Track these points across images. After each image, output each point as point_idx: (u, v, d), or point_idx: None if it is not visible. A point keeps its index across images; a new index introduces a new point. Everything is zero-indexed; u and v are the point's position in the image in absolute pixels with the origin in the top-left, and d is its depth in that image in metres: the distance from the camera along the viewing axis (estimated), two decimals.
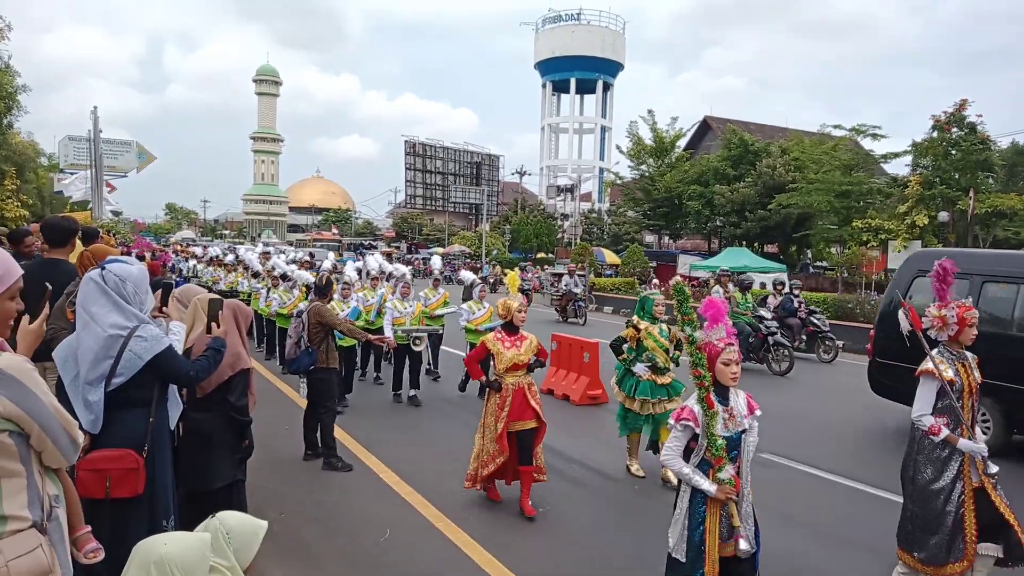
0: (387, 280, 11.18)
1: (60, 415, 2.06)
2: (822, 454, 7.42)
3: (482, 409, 5.68)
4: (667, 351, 6.40)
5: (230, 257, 17.02)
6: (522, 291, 11.12)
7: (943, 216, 24.97)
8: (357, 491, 5.90)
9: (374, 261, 11.91)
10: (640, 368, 6.33)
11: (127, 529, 2.88)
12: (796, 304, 14.52)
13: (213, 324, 3.65)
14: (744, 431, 3.44)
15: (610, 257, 37.42)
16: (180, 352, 3.40)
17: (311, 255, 20.51)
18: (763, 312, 13.29)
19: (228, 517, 2.07)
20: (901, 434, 8.59)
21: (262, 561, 2.07)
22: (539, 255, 50.03)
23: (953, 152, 24.95)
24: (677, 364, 6.43)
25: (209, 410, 3.98)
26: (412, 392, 9.19)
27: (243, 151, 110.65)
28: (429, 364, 11.02)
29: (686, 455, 3.39)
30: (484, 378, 5.64)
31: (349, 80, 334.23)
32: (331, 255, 16.57)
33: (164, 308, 3.86)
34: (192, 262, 20.22)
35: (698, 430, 3.31)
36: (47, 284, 3.32)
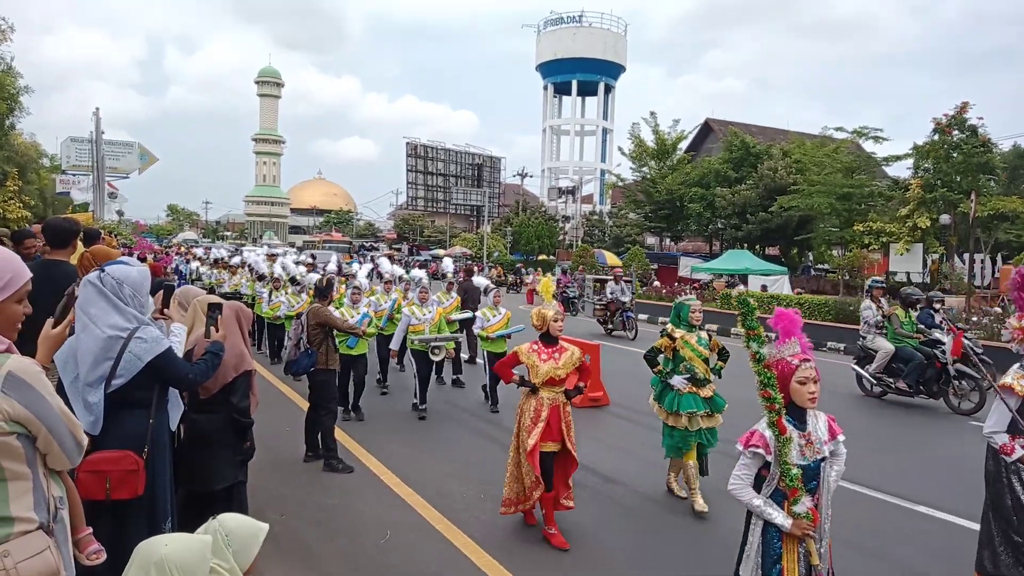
0: (398, 284, 10.96)
1: (66, 417, 2.07)
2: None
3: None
4: (707, 361, 5.87)
5: (237, 259, 16.84)
6: (556, 298, 11.03)
7: (945, 219, 24.96)
8: (358, 493, 5.90)
9: (388, 264, 11.59)
10: (678, 381, 5.77)
11: (127, 530, 2.88)
12: (938, 320, 10.82)
13: (212, 327, 3.65)
14: (824, 459, 3.09)
15: (611, 259, 37.42)
16: (181, 354, 3.40)
17: (312, 256, 20.27)
18: (938, 335, 10.27)
19: (228, 519, 2.07)
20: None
21: (262, 562, 2.07)
22: (540, 257, 50.03)
23: (954, 155, 24.96)
24: (719, 376, 5.99)
25: (211, 412, 3.99)
26: (423, 406, 8.64)
27: (244, 152, 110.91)
28: (456, 375, 10.76)
29: (757, 484, 3.08)
30: (517, 378, 5.12)
31: (350, 82, 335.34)
32: (335, 256, 16.18)
33: (165, 310, 3.87)
34: (195, 264, 20.07)
35: (769, 457, 3.01)
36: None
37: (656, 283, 30.38)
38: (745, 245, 35.35)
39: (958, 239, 26.76)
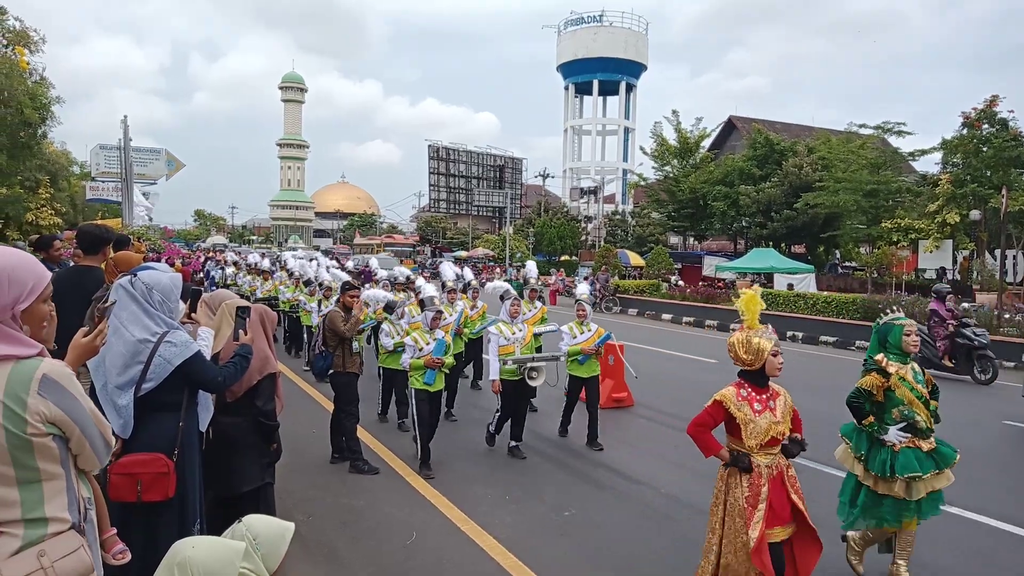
0: (465, 291, 10.02)
1: (96, 418, 2.11)
2: None
3: None
4: (926, 403, 4.50)
5: (266, 262, 16.34)
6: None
7: (975, 215, 24.53)
8: (384, 494, 5.93)
9: (449, 270, 10.19)
10: (895, 435, 4.35)
11: (157, 532, 2.93)
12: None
13: (240, 331, 3.69)
14: None
15: (634, 259, 37.24)
16: (208, 358, 3.45)
17: (366, 266, 17.49)
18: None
19: (254, 521, 2.09)
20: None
21: (290, 563, 2.09)
22: (563, 258, 49.95)
23: (984, 149, 24.51)
24: (938, 420, 4.59)
25: (237, 414, 4.03)
26: (514, 443, 7.20)
27: (268, 156, 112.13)
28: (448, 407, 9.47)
29: None
30: (728, 454, 3.73)
31: (372, 85, 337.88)
32: (400, 267, 13.09)
33: (193, 314, 3.93)
34: (230, 269, 19.10)
35: None
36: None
37: (680, 283, 30.19)
38: (770, 243, 34.99)
39: (989, 235, 26.26)
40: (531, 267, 11.62)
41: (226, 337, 3.86)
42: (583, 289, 8.58)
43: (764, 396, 3.69)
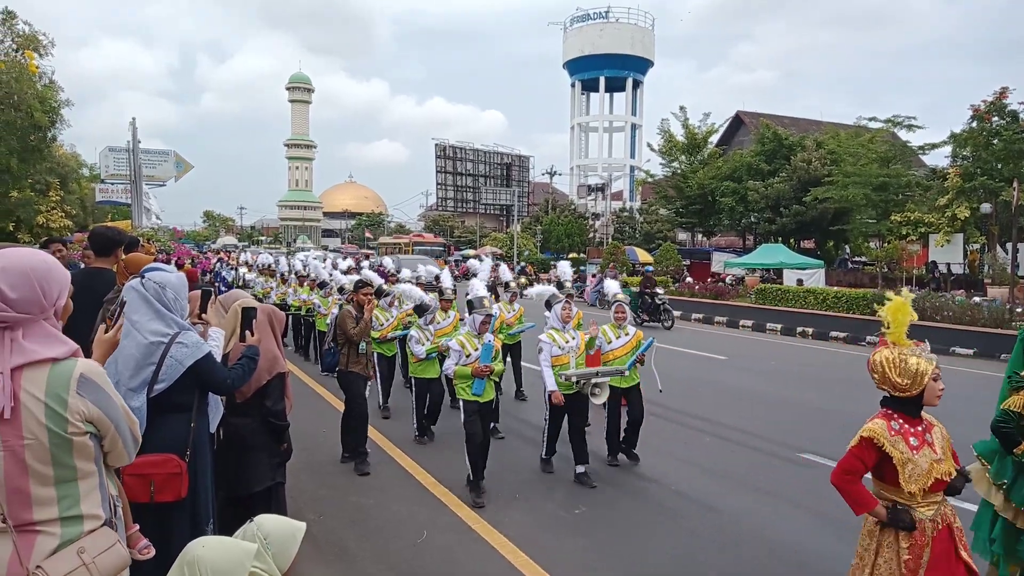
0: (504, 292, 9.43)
1: (127, 415, 2.16)
2: None
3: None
4: None
5: (283, 266, 14.99)
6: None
7: (986, 208, 24.33)
8: (394, 493, 5.95)
9: (485, 268, 9.91)
10: None
11: (170, 533, 2.95)
12: None
13: (247, 332, 3.71)
14: None
15: (643, 256, 37.13)
16: (219, 358, 3.47)
17: (380, 265, 17.04)
18: None
19: (265, 521, 2.10)
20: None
21: (300, 562, 2.11)
22: (571, 255, 49.91)
23: (995, 142, 24.30)
24: None
25: (247, 415, 4.05)
26: (581, 468, 6.27)
27: (276, 157, 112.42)
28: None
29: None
30: (884, 511, 2.95)
31: (378, 85, 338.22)
32: (427, 266, 12.05)
33: (203, 315, 3.94)
34: (243, 270, 18.64)
35: None
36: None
37: (688, 279, 30.11)
38: (779, 239, 34.79)
39: (1000, 228, 26.05)
40: (564, 268, 10.11)
41: (238, 338, 3.88)
42: (615, 287, 7.47)
43: (919, 428, 3.00)
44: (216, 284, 16.78)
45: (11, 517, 1.90)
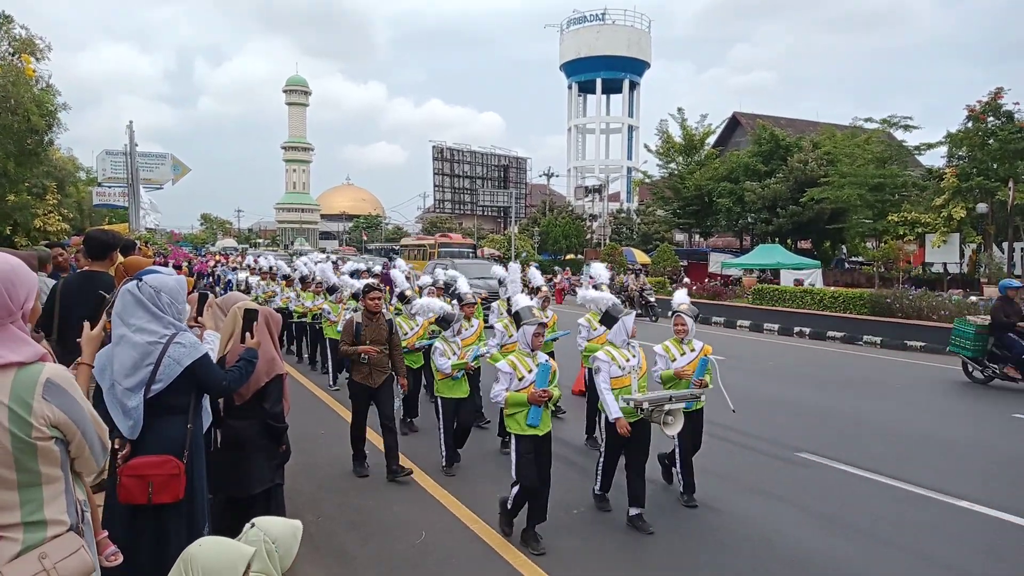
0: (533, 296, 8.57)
1: (96, 422, 2.13)
2: (861, 453, 7.29)
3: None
4: None
5: (305, 270, 13.39)
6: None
7: (982, 208, 24.40)
8: (393, 495, 5.95)
9: (533, 275, 9.10)
10: None
11: (168, 534, 2.96)
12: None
13: (247, 334, 3.71)
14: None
15: (640, 257, 37.19)
16: (215, 361, 3.47)
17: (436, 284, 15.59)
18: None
19: (268, 524, 2.11)
20: (936, 432, 8.42)
21: (299, 564, 2.11)
22: (568, 256, 49.92)
23: (990, 142, 24.39)
24: None
25: (246, 417, 4.06)
26: (636, 510, 5.33)
27: (274, 160, 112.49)
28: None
29: None
30: None
31: (376, 88, 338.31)
32: (445, 271, 11.20)
33: (200, 317, 3.95)
34: (244, 274, 17.74)
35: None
36: (102, 293, 3.48)
37: (686, 280, 30.14)
38: (776, 239, 34.86)
39: (996, 228, 26.12)
40: (600, 270, 8.97)
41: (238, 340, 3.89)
42: (681, 297, 6.36)
43: None
44: (217, 288, 16.68)
45: None
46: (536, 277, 9.22)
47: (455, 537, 5.09)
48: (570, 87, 70.88)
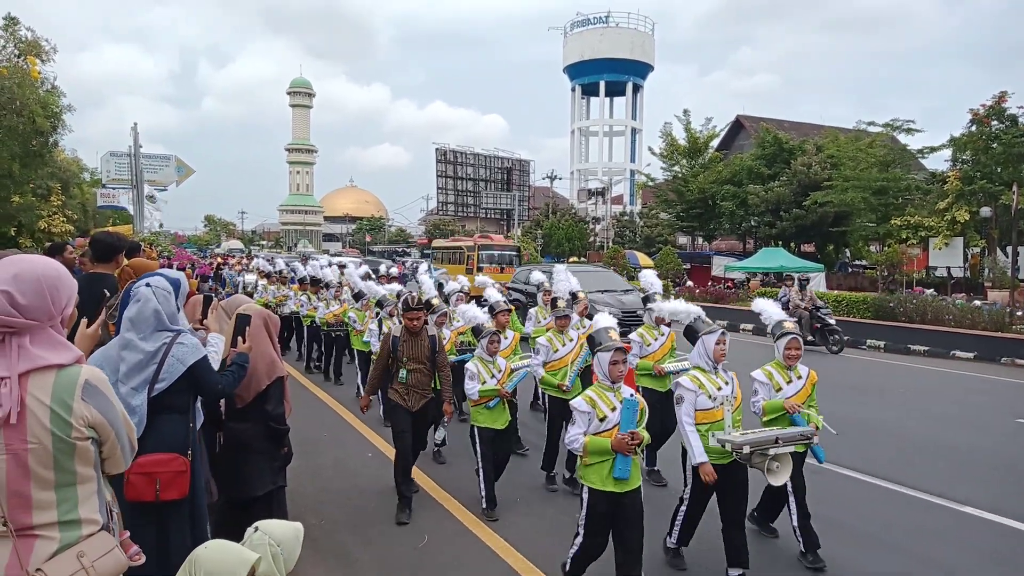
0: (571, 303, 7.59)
1: (127, 422, 2.19)
2: (864, 458, 7.28)
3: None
4: None
5: (329, 275, 12.47)
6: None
7: (986, 211, 24.37)
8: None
9: (566, 278, 8.17)
10: None
11: (169, 531, 3.02)
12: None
13: (239, 338, 3.73)
14: None
15: (643, 260, 37.15)
16: (217, 364, 3.49)
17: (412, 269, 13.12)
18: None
19: (272, 528, 2.13)
20: (940, 436, 8.41)
21: (301, 566, 2.13)
22: (571, 259, 49.95)
23: (994, 146, 24.37)
24: None
25: (247, 420, 4.06)
26: (737, 572, 4.49)
27: (277, 162, 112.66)
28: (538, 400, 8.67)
29: None
30: None
31: (379, 89, 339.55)
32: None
33: (204, 320, 3.96)
34: (252, 276, 16.88)
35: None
36: (104, 291, 3.53)
37: (689, 283, 30.13)
38: (779, 243, 34.85)
39: (1000, 232, 26.08)
40: (650, 277, 8.06)
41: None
42: (774, 310, 5.28)
43: None
44: (220, 291, 16.59)
45: (11, 520, 1.92)
46: (572, 282, 8.03)
47: (457, 540, 5.09)
48: (573, 89, 70.97)
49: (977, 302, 19.32)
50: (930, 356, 15.18)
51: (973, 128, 24.90)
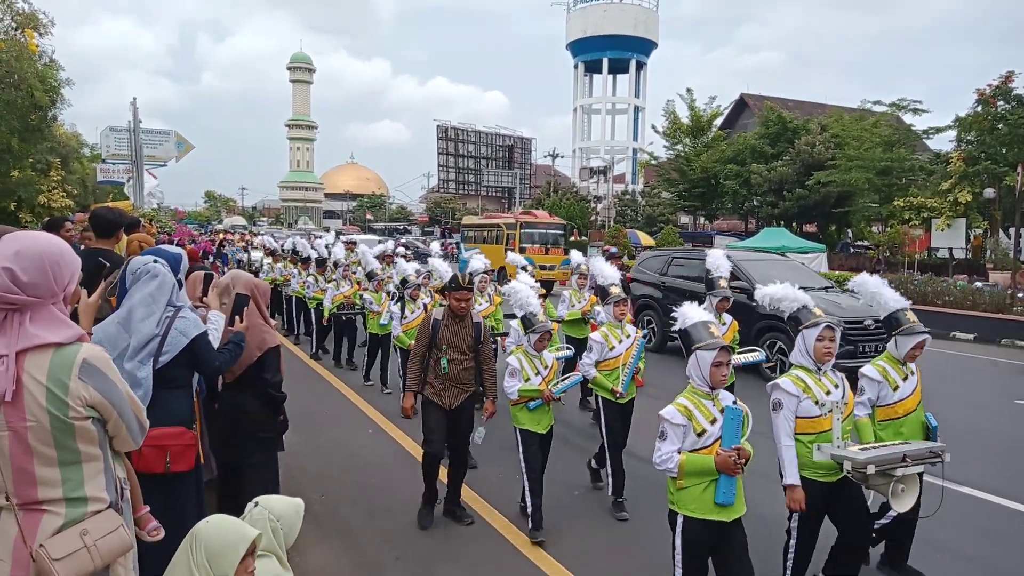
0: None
1: (132, 401, 2.17)
2: None
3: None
4: None
5: (339, 253, 11.75)
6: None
7: (989, 192, 24.25)
8: (397, 473, 5.99)
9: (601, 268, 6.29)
10: None
11: (178, 501, 3.09)
12: None
13: (236, 317, 3.73)
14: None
15: (645, 239, 37.09)
16: (217, 341, 3.48)
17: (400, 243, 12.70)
18: None
19: (272, 503, 2.14)
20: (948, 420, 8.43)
21: (302, 541, 2.14)
22: (572, 238, 49.88)
23: (999, 126, 24.18)
24: None
25: (243, 389, 4.05)
26: None
27: (277, 138, 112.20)
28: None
29: None
30: None
31: (380, 64, 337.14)
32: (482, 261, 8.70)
33: (204, 298, 3.94)
34: (259, 254, 16.47)
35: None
36: (102, 261, 3.55)
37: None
38: (782, 223, 34.73)
39: (1003, 213, 25.98)
40: (718, 258, 7.03)
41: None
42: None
43: None
44: (221, 267, 16.58)
45: (16, 495, 1.93)
46: (606, 271, 6.13)
47: (481, 540, 5.04)
48: (576, 66, 70.38)
49: (979, 283, 19.30)
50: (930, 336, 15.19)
51: (979, 108, 24.71)
